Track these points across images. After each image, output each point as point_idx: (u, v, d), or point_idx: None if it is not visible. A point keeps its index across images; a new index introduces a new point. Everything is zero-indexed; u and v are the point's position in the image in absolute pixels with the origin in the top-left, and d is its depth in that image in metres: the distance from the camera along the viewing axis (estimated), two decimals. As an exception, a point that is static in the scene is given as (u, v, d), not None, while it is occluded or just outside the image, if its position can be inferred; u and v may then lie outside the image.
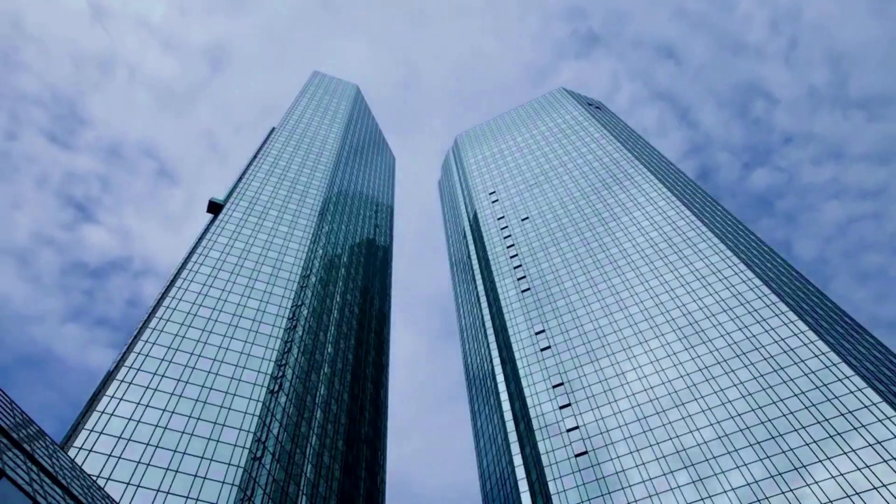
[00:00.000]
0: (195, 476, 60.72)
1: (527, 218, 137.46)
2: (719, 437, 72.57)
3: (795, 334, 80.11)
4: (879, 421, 65.69)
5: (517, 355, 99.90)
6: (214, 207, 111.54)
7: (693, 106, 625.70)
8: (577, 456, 78.56)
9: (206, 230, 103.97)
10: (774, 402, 73.19)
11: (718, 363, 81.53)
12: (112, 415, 63.43)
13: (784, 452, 67.37)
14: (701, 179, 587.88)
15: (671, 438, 75.10)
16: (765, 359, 79.07)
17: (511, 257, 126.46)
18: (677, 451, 73.26)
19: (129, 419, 63.76)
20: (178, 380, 71.08)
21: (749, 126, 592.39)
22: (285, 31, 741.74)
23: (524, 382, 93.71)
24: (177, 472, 60.46)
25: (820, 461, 64.85)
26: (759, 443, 69.65)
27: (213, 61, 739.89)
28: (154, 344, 74.56)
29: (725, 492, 66.68)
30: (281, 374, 79.75)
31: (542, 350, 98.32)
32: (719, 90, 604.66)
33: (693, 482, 69.21)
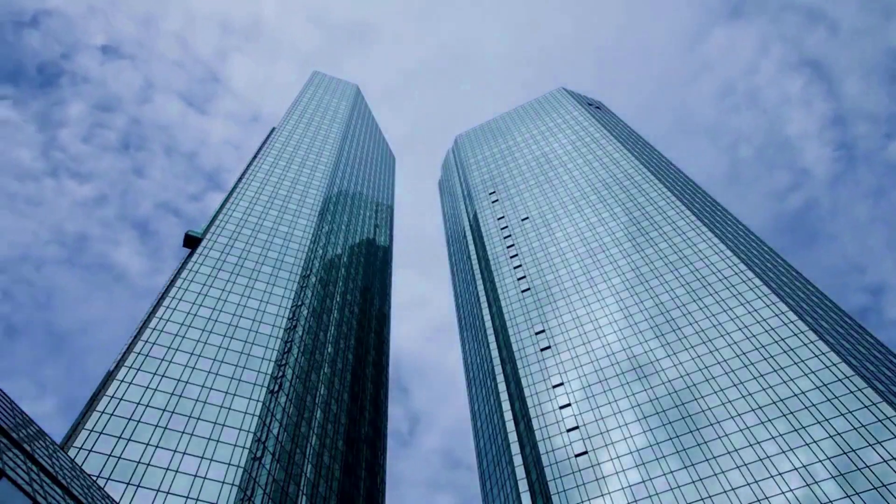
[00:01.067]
0: (195, 476, 60.71)
1: (527, 218, 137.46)
2: (718, 439, 72.61)
3: (796, 334, 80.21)
4: (880, 421, 65.77)
5: (517, 355, 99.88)
6: (191, 242, 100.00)
7: (839, 73, 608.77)
8: (577, 456, 78.57)
9: (206, 231, 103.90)
10: (780, 401, 73.23)
11: (719, 363, 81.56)
12: (112, 415, 63.42)
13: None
14: (841, 149, 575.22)
15: (671, 439, 75.12)
16: (764, 359, 79.18)
17: (511, 257, 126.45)
18: (677, 452, 73.29)
19: (129, 419, 63.75)
20: (178, 380, 71.07)
21: (894, 95, 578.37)
22: (429, 8, 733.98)
23: (524, 382, 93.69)
24: (177, 472, 60.45)
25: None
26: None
27: (357, 36, 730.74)
28: (154, 344, 74.56)
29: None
30: (281, 374, 79.73)
31: (542, 350, 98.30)
32: (867, 57, 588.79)
33: (694, 482, 69.28)
